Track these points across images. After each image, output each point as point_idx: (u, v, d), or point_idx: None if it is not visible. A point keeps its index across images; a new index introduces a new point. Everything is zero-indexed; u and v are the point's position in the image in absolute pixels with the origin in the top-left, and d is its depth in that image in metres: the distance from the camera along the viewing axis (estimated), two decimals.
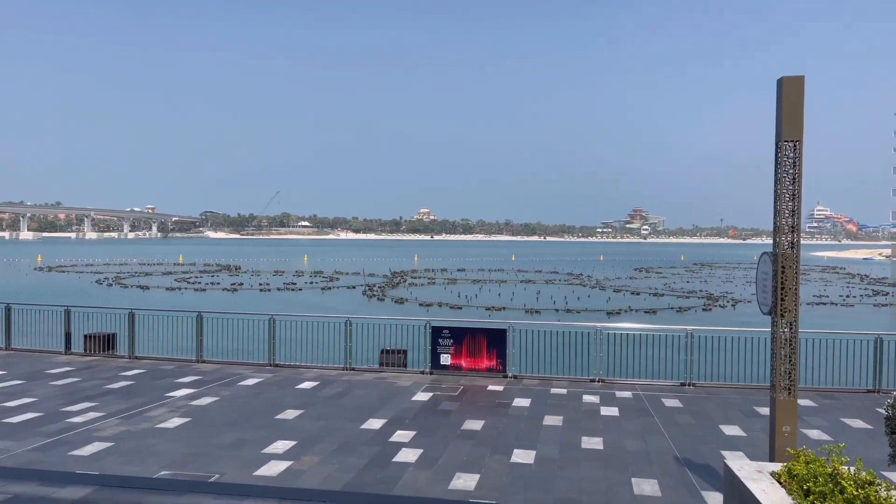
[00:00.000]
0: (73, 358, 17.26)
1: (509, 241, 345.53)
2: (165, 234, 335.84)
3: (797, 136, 7.83)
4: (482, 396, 13.73)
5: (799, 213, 7.89)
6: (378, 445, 10.37)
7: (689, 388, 14.60)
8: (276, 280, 70.14)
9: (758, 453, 9.85)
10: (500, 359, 15.49)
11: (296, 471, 9.21)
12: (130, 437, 10.63)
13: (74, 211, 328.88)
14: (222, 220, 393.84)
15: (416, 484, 8.77)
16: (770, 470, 6.79)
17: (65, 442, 10.37)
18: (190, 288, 60.71)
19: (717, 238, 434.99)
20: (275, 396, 13.50)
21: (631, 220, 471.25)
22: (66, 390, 13.78)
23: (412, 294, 56.11)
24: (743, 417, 12.25)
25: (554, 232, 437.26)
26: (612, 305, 48.98)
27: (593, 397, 13.69)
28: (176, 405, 12.71)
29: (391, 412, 12.35)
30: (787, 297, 7.79)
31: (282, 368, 16.20)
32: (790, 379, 7.82)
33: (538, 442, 10.64)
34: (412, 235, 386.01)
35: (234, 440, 10.54)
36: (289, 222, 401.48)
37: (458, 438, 10.78)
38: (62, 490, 7.34)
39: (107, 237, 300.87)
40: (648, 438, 10.90)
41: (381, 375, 15.62)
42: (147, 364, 16.59)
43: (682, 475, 9.21)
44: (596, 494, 8.48)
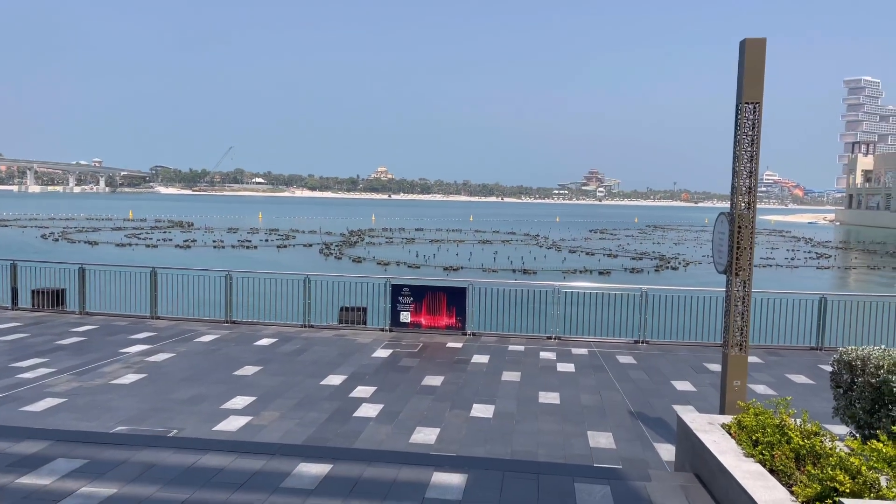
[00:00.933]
0: (21, 313, 16.78)
1: (467, 202, 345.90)
2: (114, 189, 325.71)
3: (758, 98, 7.94)
4: (441, 353, 13.86)
5: (756, 174, 8.05)
6: (338, 401, 10.41)
7: (642, 345, 14.99)
8: (230, 237, 68.98)
9: (708, 407, 10.22)
10: (460, 316, 15.62)
11: (256, 426, 9.20)
12: (84, 393, 10.44)
13: (16, 163, 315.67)
14: (173, 176, 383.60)
15: (377, 438, 8.86)
16: (721, 422, 7.06)
17: (15, 398, 10.13)
18: (141, 244, 59.30)
19: (671, 201, 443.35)
20: (232, 353, 13.39)
21: (587, 183, 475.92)
22: (14, 346, 13.41)
23: (370, 253, 55.88)
24: (693, 373, 12.66)
25: (511, 193, 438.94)
26: (568, 265, 49.66)
27: (550, 354, 13.95)
28: (131, 361, 12.51)
29: (351, 368, 12.39)
30: (742, 256, 8.00)
31: (239, 325, 16.05)
32: (742, 335, 8.08)
33: (497, 397, 10.83)
34: (370, 194, 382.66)
35: (191, 396, 10.45)
36: (243, 178, 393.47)
37: (418, 394, 10.90)
38: (16, 445, 7.19)
39: (51, 191, 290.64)
40: (603, 393, 11.20)
41: (340, 332, 15.61)
42: (99, 320, 16.24)
43: (635, 428, 9.51)
44: (553, 447, 8.71)
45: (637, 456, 8.45)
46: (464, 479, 6.61)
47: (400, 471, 6.78)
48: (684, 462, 7.15)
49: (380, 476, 6.65)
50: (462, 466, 6.95)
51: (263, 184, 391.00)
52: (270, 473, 6.67)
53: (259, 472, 6.68)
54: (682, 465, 7.26)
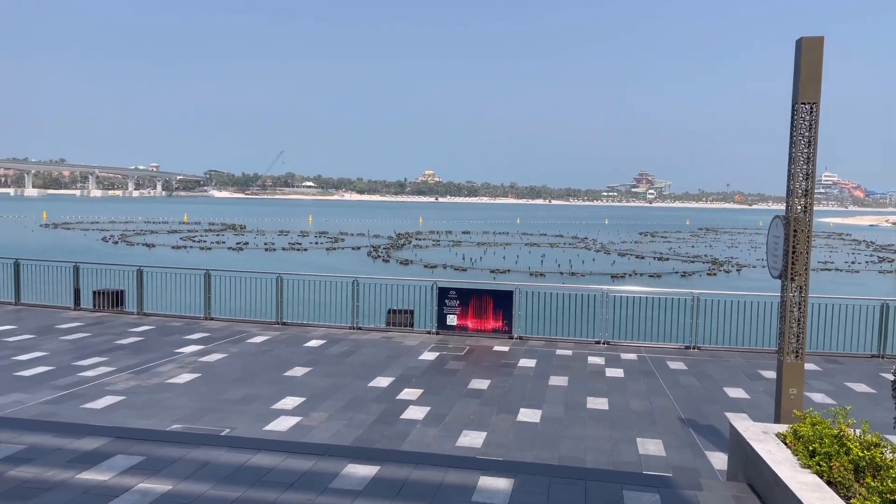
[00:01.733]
0: (83, 313, 17.41)
1: (514, 204, 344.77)
2: (170, 193, 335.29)
3: (814, 98, 7.72)
4: (488, 356, 13.84)
5: (813, 176, 7.82)
6: (386, 403, 10.50)
7: (693, 350, 14.69)
8: (280, 240, 70.31)
9: (762, 415, 9.95)
10: (507, 320, 15.57)
11: (305, 426, 9.35)
12: (141, 392, 10.78)
13: (79, 168, 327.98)
14: (227, 180, 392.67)
15: (424, 440, 8.90)
16: (776, 431, 6.87)
17: (77, 395, 10.52)
18: (195, 246, 60.94)
19: (723, 203, 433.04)
20: (283, 354, 13.63)
21: (637, 184, 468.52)
22: (76, 345, 13.93)
23: (417, 256, 56.23)
24: (747, 380, 12.35)
25: (559, 195, 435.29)
26: (617, 269, 49.06)
27: (598, 359, 13.79)
28: (185, 361, 12.86)
29: (398, 370, 12.48)
30: (798, 260, 7.78)
31: (289, 327, 16.33)
32: (798, 342, 7.85)
33: (544, 401, 10.76)
34: (417, 197, 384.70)
35: (243, 396, 10.68)
36: (293, 182, 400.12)
37: (465, 397, 10.90)
38: (77, 441, 7.47)
39: (111, 195, 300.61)
40: (653, 399, 11.02)
41: (387, 335, 15.74)
42: (155, 321, 16.74)
43: (686, 435, 9.33)
44: (601, 453, 8.60)
45: (688, 464, 8.28)
46: (510, 483, 6.59)
47: (447, 474, 6.80)
48: (737, 472, 6.98)
49: (427, 479, 6.68)
50: (509, 471, 6.93)
51: (313, 187, 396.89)
52: (319, 474, 6.77)
53: (308, 473, 6.79)
54: (734, 474, 7.09)
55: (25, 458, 6.99)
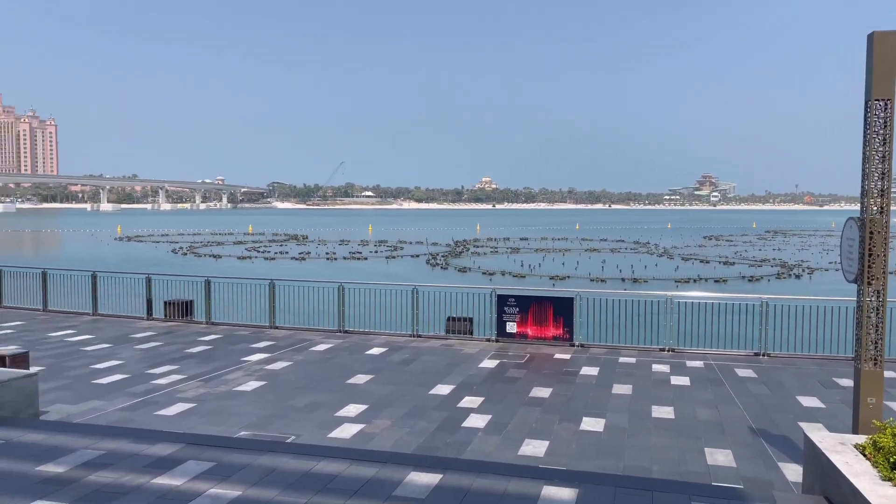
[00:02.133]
0: (154, 323, 18.08)
1: (573, 210, 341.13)
2: (235, 205, 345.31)
3: (889, 95, 7.39)
4: (549, 364, 13.72)
5: (889, 175, 7.48)
6: (447, 411, 10.52)
7: (763, 358, 14.22)
8: (341, 249, 71.45)
9: (838, 425, 9.54)
10: (567, 327, 15.40)
11: (368, 434, 9.46)
12: (211, 399, 11.11)
13: (150, 183, 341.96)
14: (289, 191, 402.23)
15: (486, 449, 8.88)
16: (854, 442, 6.58)
17: (151, 402, 10.92)
18: (260, 257, 62.54)
19: (792, 204, 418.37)
20: (345, 361, 13.83)
21: (700, 187, 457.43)
22: (149, 354, 14.47)
23: (475, 263, 56.25)
24: (821, 388, 11.87)
25: (619, 199, 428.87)
26: (681, 274, 47.95)
27: (663, 366, 13.49)
28: (251, 369, 13.19)
29: (459, 378, 12.49)
30: (875, 263, 7.44)
31: (351, 335, 16.56)
32: (877, 349, 7.50)
33: (607, 410, 10.59)
34: (474, 205, 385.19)
35: (308, 403, 10.88)
36: (353, 192, 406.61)
37: (526, 405, 10.83)
38: (152, 447, 7.75)
39: (180, 208, 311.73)
40: (721, 408, 10.70)
41: (447, 342, 15.78)
42: (223, 329, 17.23)
43: (757, 446, 9.02)
44: (668, 463, 8.40)
45: (760, 476, 8.00)
46: (575, 493, 6.51)
47: (509, 483, 6.76)
48: (813, 484, 6.71)
49: (489, 488, 6.66)
50: (573, 481, 6.84)
51: (372, 197, 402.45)
52: (382, 481, 6.83)
53: (371, 480, 6.86)
54: (810, 487, 6.81)
55: (104, 463, 7.30)
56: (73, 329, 17.11)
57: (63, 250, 74.89)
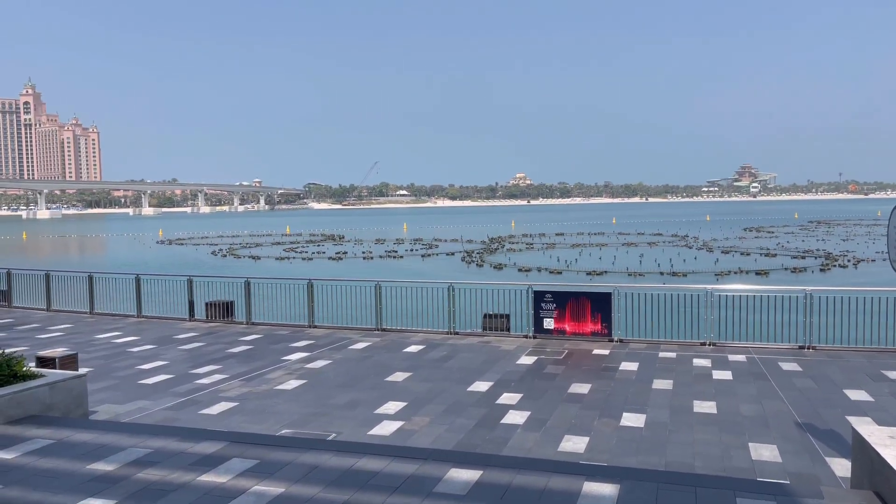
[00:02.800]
0: (197, 324, 18.44)
1: (609, 204, 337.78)
2: (272, 207, 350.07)
3: None
4: (588, 360, 13.62)
5: None
6: (485, 407, 10.53)
7: (808, 351, 13.90)
8: (377, 248, 71.91)
9: (888, 419, 9.30)
10: (605, 323, 15.26)
11: (408, 430, 9.51)
12: (253, 398, 11.29)
13: (189, 187, 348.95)
14: (325, 192, 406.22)
15: (526, 445, 8.86)
16: None
17: (195, 402, 11.15)
18: (298, 257, 63.29)
19: (836, 194, 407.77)
20: (384, 359, 13.93)
21: (739, 178, 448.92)
22: (192, 354, 14.77)
23: (510, 259, 56.10)
24: (870, 381, 11.56)
25: (656, 193, 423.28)
26: (721, 267, 47.15)
27: (704, 361, 13.29)
28: (292, 368, 13.37)
29: (497, 375, 12.48)
30: None
31: (389, 333, 16.67)
32: None
33: (648, 406, 10.47)
34: (509, 201, 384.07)
35: (348, 401, 10.99)
36: (387, 192, 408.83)
37: (565, 401, 10.77)
38: (197, 445, 7.92)
39: (219, 210, 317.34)
40: (765, 403, 10.50)
41: (484, 339, 15.77)
42: (263, 329, 17.50)
43: (803, 440, 8.83)
44: (711, 459, 8.28)
45: (806, 470, 7.84)
46: (616, 489, 6.46)
47: (550, 479, 6.74)
48: (862, 479, 6.55)
49: (530, 484, 6.65)
50: (614, 477, 6.79)
51: (407, 196, 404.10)
52: (423, 478, 6.87)
53: (412, 476, 6.91)
54: (859, 482, 6.65)
55: (152, 461, 7.49)
56: (119, 331, 17.55)
57: (107, 254, 76.87)
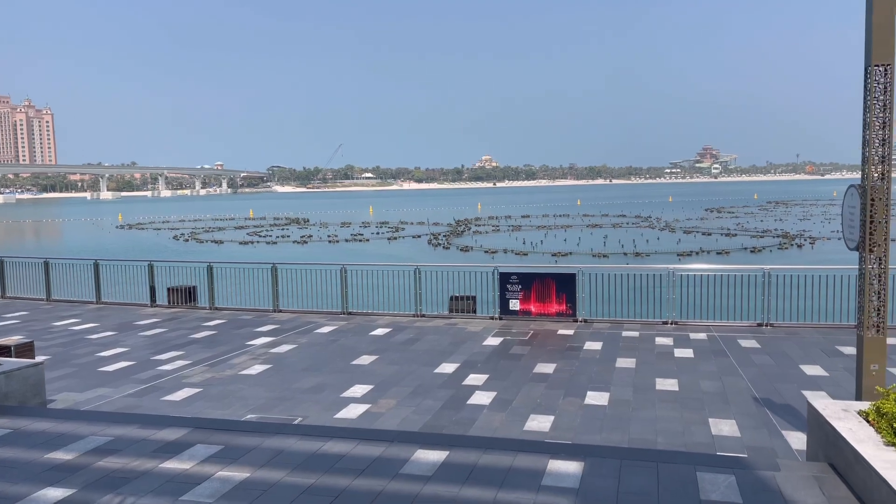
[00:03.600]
0: (159, 310, 18.13)
1: (574, 186, 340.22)
2: (235, 190, 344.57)
3: (888, 59, 7.31)
4: (553, 340, 13.76)
5: (890, 142, 7.42)
6: (452, 389, 10.57)
7: (766, 328, 14.24)
8: (343, 231, 71.43)
9: (842, 393, 9.58)
10: (570, 303, 15.42)
11: (374, 413, 9.51)
12: (217, 383, 11.17)
13: (149, 170, 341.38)
14: (288, 175, 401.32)
15: (492, 425, 8.93)
16: (857, 409, 6.61)
17: (157, 388, 10.99)
18: (262, 241, 62.57)
19: (794, 174, 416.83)
20: (350, 343, 13.88)
21: (701, 160, 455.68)
22: (154, 340, 14.53)
23: (477, 242, 56.24)
24: (824, 357, 11.90)
25: (620, 174, 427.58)
26: (683, 247, 47.93)
27: (666, 339, 13.52)
28: (257, 353, 13.24)
29: (463, 356, 12.53)
30: (877, 231, 7.41)
31: (355, 316, 16.60)
32: (879, 316, 7.50)
33: (611, 384, 10.63)
34: (475, 183, 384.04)
35: (313, 385, 10.94)
36: (353, 174, 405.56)
37: (531, 381, 10.87)
38: (159, 432, 7.81)
39: (180, 194, 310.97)
40: (725, 379, 10.74)
41: (451, 321, 15.82)
42: (227, 314, 17.28)
43: (761, 415, 9.06)
44: (673, 435, 8.45)
45: (764, 444, 8.05)
46: (580, 466, 6.55)
47: (515, 458, 6.81)
48: (817, 451, 6.75)
49: (496, 463, 6.71)
50: (578, 454, 6.89)
51: (372, 178, 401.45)
52: (390, 460, 6.88)
53: (379, 459, 6.91)
54: (814, 454, 6.85)
55: (112, 449, 7.36)
56: (77, 318, 17.17)
57: (64, 239, 74.95)
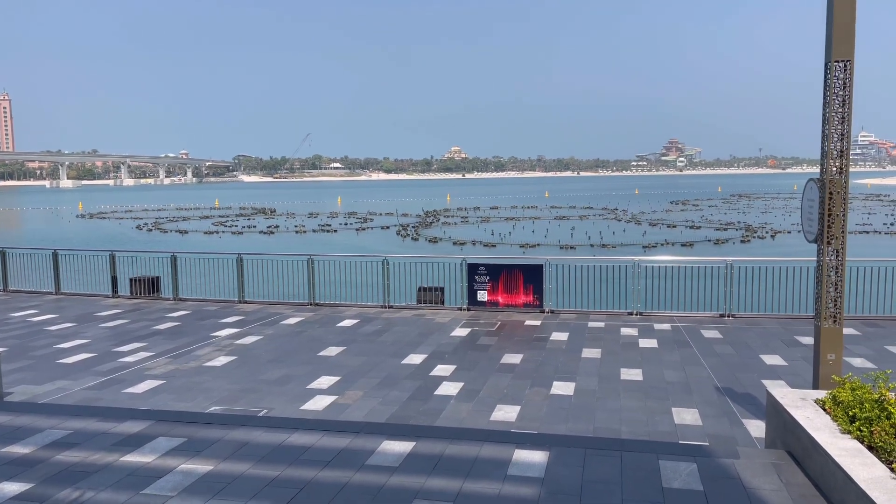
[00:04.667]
0: (121, 301, 17.79)
1: (542, 178, 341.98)
2: (200, 179, 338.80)
3: (848, 56, 7.46)
4: (520, 331, 13.84)
5: (848, 137, 7.59)
6: (419, 380, 10.58)
7: (728, 319, 14.51)
8: (311, 222, 70.81)
9: (800, 382, 9.82)
10: (537, 294, 15.52)
11: (341, 405, 9.47)
12: (180, 375, 11.00)
13: (111, 158, 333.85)
14: (255, 164, 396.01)
15: (459, 416, 8.96)
16: (814, 398, 6.77)
17: (118, 380, 10.78)
18: (227, 231, 61.73)
19: (756, 168, 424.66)
20: (317, 334, 13.79)
21: (666, 153, 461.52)
22: (115, 332, 14.25)
23: (446, 233, 56.25)
24: (784, 347, 12.17)
25: (588, 167, 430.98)
26: (649, 239, 48.55)
27: (631, 330, 13.70)
28: (221, 344, 13.08)
29: (431, 347, 12.54)
30: (835, 223, 7.58)
31: (322, 307, 16.49)
32: (836, 306, 7.69)
33: (577, 374, 10.74)
34: (444, 175, 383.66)
35: (279, 377, 10.84)
36: (320, 164, 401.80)
37: (498, 372, 10.93)
38: (120, 425, 7.67)
39: (143, 183, 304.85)
40: (688, 369, 10.92)
41: (419, 312, 15.80)
42: (191, 305, 17.02)
43: (722, 404, 9.24)
44: (637, 424, 8.57)
45: (725, 433, 8.22)
46: (545, 456, 6.61)
47: (482, 448, 6.84)
48: (775, 439, 6.91)
49: (462, 453, 6.73)
50: (543, 444, 6.95)
51: (341, 168, 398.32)
52: (356, 451, 6.86)
53: (345, 450, 6.88)
54: (773, 442, 7.01)
55: (71, 443, 7.20)
56: (35, 309, 16.76)
57: (23, 229, 73.01)
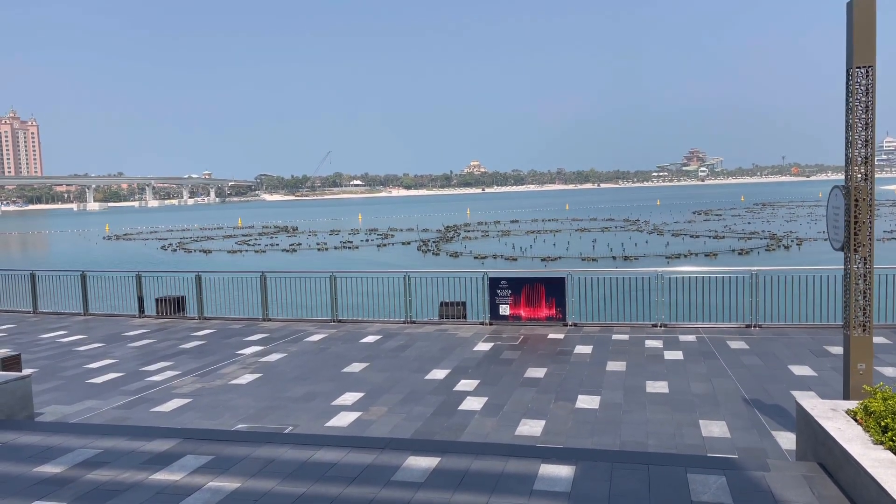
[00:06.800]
0: (147, 320, 18.01)
1: (562, 190, 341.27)
2: (223, 199, 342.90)
3: (870, 62, 7.40)
4: (543, 345, 13.77)
5: (873, 143, 7.51)
6: (443, 395, 10.56)
7: (754, 329, 14.32)
8: (332, 239, 71.28)
9: (830, 392, 9.65)
10: (560, 307, 15.45)
11: (365, 421, 9.48)
12: (206, 394, 11.10)
13: (136, 180, 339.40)
14: (277, 183, 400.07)
15: (483, 430, 8.92)
16: (845, 408, 6.65)
17: (146, 399, 10.91)
18: (251, 250, 62.32)
19: (780, 176, 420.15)
20: (340, 351, 13.84)
21: (688, 163, 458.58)
22: (143, 351, 14.43)
23: (466, 247, 56.28)
24: (813, 357, 11.98)
25: (608, 178, 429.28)
26: (671, 250, 48.18)
27: (656, 342, 13.57)
28: (246, 362, 13.18)
29: (454, 362, 12.52)
30: (861, 231, 7.49)
31: (345, 324, 16.56)
32: (865, 315, 7.57)
33: (602, 387, 10.66)
34: (463, 189, 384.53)
35: (304, 393, 10.89)
36: (341, 182, 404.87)
37: (522, 386, 10.88)
38: (149, 443, 7.75)
39: (168, 204, 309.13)
40: (715, 381, 10.79)
41: (441, 327, 15.80)
42: (216, 324, 17.19)
43: (751, 416, 9.11)
44: (664, 437, 8.47)
45: (754, 445, 8.09)
46: (572, 470, 6.56)
47: (507, 463, 6.81)
48: (806, 451, 6.79)
49: (487, 469, 6.70)
50: (569, 458, 6.89)
51: (361, 185, 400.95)
52: (381, 467, 6.86)
53: (370, 466, 6.89)
54: (803, 454, 6.90)
55: (101, 462, 7.30)
56: (64, 330, 17.03)
57: (51, 251, 74.40)
